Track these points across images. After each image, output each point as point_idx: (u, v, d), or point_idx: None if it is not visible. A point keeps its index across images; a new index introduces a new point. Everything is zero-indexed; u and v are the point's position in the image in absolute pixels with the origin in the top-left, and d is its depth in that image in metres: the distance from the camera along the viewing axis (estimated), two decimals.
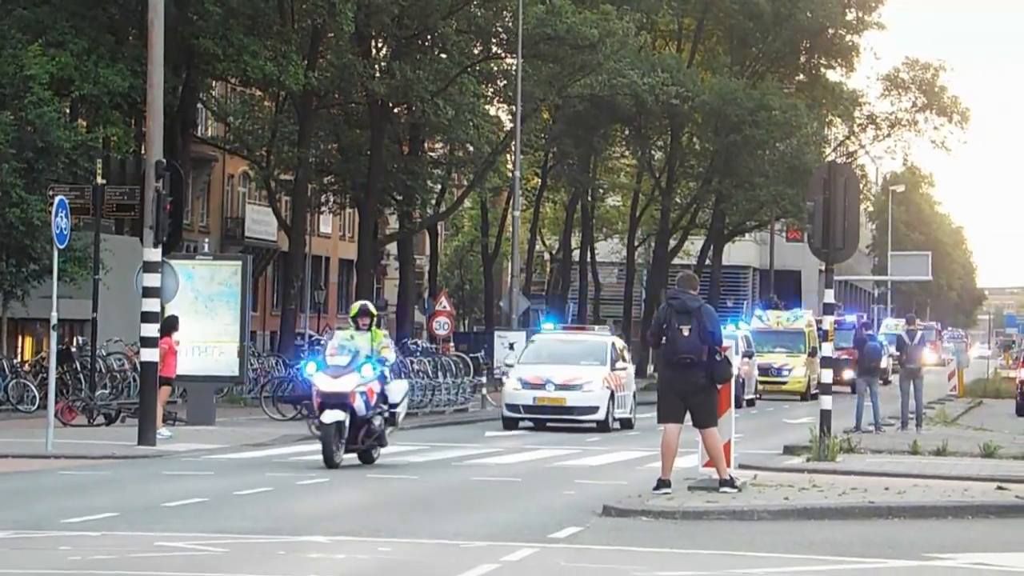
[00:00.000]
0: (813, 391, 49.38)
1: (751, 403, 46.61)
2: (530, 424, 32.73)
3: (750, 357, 48.37)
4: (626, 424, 33.34)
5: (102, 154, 38.13)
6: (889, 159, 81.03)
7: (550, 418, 32.24)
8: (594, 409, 32.01)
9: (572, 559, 12.92)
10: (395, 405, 22.41)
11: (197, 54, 41.79)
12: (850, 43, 70.76)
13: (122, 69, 39.02)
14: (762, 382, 50.41)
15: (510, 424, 32.54)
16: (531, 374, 32.41)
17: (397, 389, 22.65)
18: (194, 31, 41.16)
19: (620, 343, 35.46)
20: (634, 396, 34.05)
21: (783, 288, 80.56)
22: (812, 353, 51.10)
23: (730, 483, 17.48)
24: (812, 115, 66.64)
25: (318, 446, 23.19)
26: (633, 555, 13.24)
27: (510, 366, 34.42)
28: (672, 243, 69.59)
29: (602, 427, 31.95)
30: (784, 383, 52.73)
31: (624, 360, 34.25)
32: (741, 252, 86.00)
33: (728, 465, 17.78)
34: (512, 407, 32.47)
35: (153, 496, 17.51)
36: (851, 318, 60.56)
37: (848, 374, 53.31)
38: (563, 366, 32.62)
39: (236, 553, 12.90)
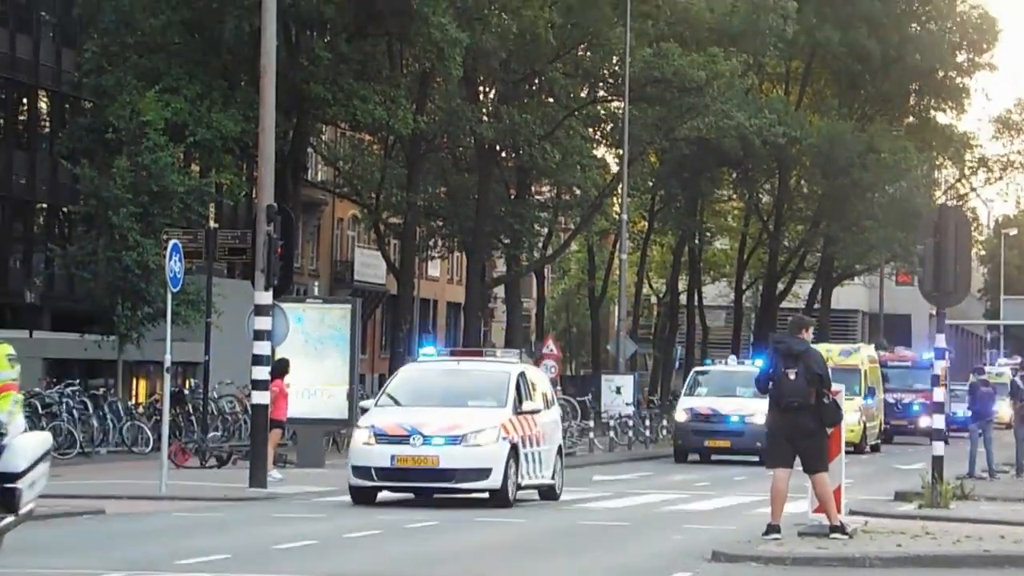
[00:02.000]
0: (872, 442, 47.02)
1: (875, 448, 46.68)
2: (392, 494, 23.26)
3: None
4: (546, 494, 23.88)
5: (215, 198, 38.78)
6: (1001, 202, 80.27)
7: (416, 486, 22.70)
8: (483, 473, 22.00)
9: None
10: (13, 476, 12.47)
11: (308, 99, 42.28)
12: (961, 85, 70.12)
13: (234, 114, 39.56)
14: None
15: (361, 497, 22.45)
16: (390, 421, 22.34)
17: (19, 448, 12.70)
18: (305, 76, 41.65)
19: (536, 374, 25.36)
20: (560, 453, 24.64)
21: (893, 332, 79.78)
22: (870, 395, 47.70)
23: (841, 529, 17.32)
24: (922, 158, 66.08)
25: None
26: None
27: (364, 410, 24.15)
28: (780, 286, 69.19)
29: (498, 499, 22.20)
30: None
31: (543, 400, 24.17)
32: (850, 296, 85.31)
33: (839, 511, 17.62)
34: (361, 471, 22.21)
35: (264, 538, 17.65)
36: (929, 356, 58.50)
37: (924, 421, 49.42)
38: (440, 409, 22.63)
39: None
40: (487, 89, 53.04)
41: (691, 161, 60.12)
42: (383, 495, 22.97)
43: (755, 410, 35.00)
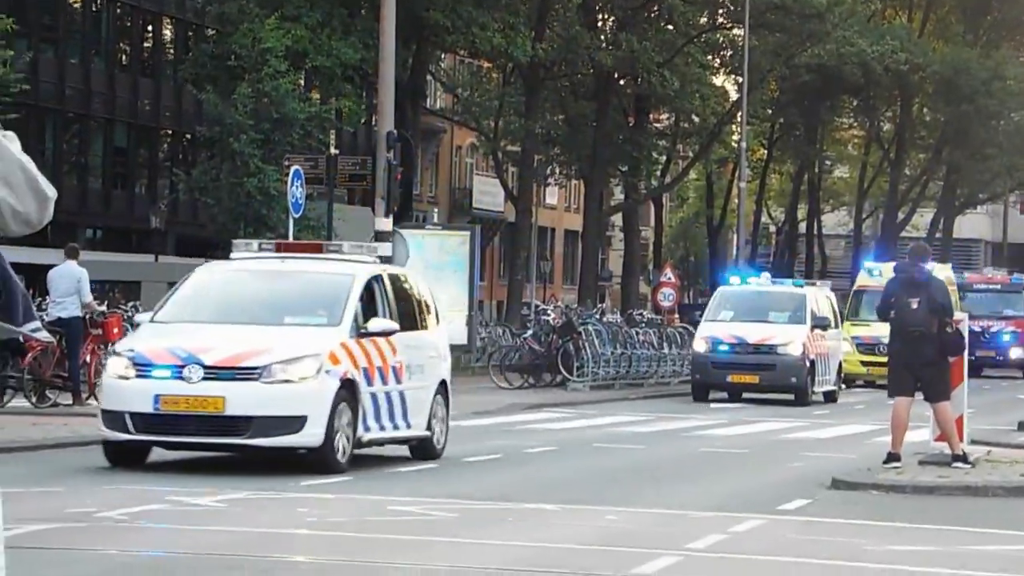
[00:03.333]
0: None
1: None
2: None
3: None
4: (420, 449, 17.50)
5: (335, 125, 38.98)
6: None
7: (193, 441, 15.94)
8: (293, 422, 15.57)
9: (801, 531, 12.89)
10: None
11: (427, 27, 42.32)
12: None
13: (354, 42, 39.72)
14: (867, 363, 39.97)
15: (119, 456, 15.97)
16: (158, 345, 15.87)
17: None
18: (425, 3, 41.68)
19: (415, 280, 18.52)
20: (445, 393, 17.87)
21: (1017, 261, 78.64)
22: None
23: (963, 458, 17.22)
24: None
25: (544, 414, 23.50)
26: (863, 528, 13.16)
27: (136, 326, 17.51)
28: (901, 215, 68.46)
29: (319, 459, 15.78)
30: None
31: (417, 314, 17.72)
32: (973, 224, 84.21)
33: (961, 440, 17.51)
34: (113, 418, 15.79)
35: (386, 461, 17.86)
36: (1019, 276, 50.11)
37: (1017, 352, 45.15)
38: (238, 327, 16.05)
39: (465, 518, 13.12)
40: (606, 16, 52.77)
41: (811, 89, 59.52)
42: (160, 454, 16.35)
43: (790, 338, 31.53)
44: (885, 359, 38.97)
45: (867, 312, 39.44)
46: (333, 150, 33.62)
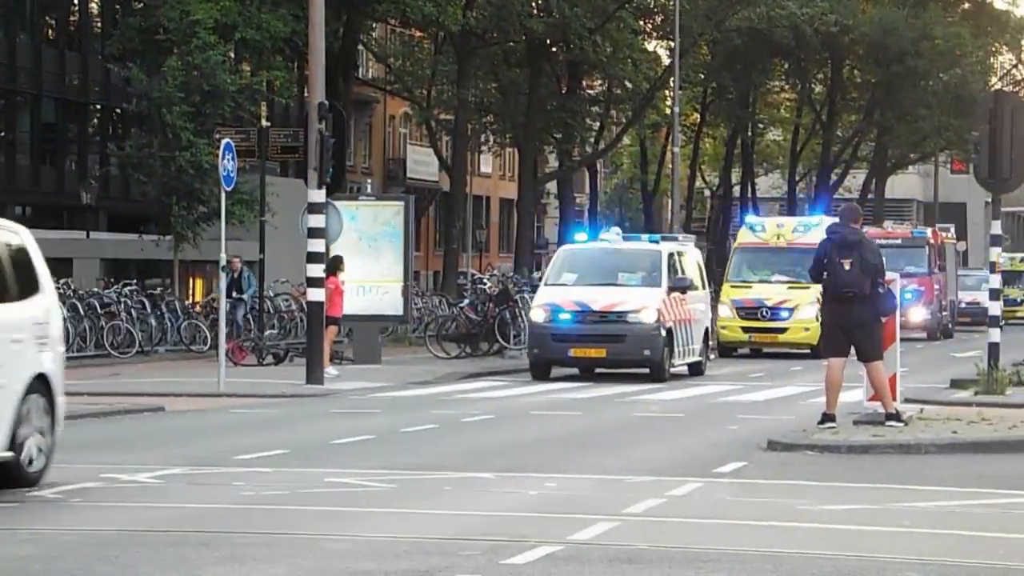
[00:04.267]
0: None
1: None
2: None
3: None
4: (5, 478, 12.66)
5: (266, 97, 38.74)
6: None
7: None
8: None
9: (737, 493, 12.98)
10: None
11: None
12: None
13: (284, 14, 39.48)
14: (748, 329, 35.38)
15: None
16: None
17: None
18: None
19: None
20: (39, 406, 12.91)
21: (948, 221, 79.22)
22: None
23: (896, 417, 17.37)
24: (977, 44, 65.32)
25: (482, 383, 23.43)
26: (799, 488, 13.26)
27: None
28: (834, 177, 68.81)
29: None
30: (782, 330, 35.17)
31: None
32: (904, 185, 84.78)
33: (894, 399, 17.66)
34: None
35: (322, 433, 17.86)
36: (923, 230, 46.84)
37: (917, 314, 40.52)
38: None
39: (403, 488, 13.13)
40: None
41: (743, 52, 59.65)
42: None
43: (642, 303, 26.97)
44: (768, 324, 34.78)
45: (749, 272, 36.32)
46: (265, 122, 33.45)
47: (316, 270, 24.94)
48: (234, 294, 32.65)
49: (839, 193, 69.36)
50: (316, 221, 24.92)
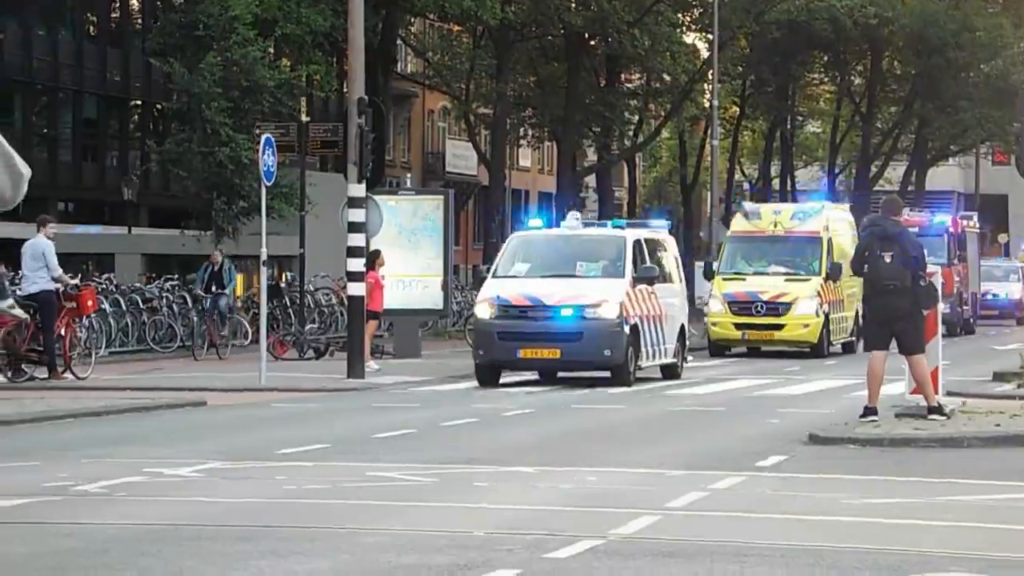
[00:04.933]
0: (842, 339, 34.25)
1: (848, 348, 34.56)
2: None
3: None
4: None
5: (306, 92, 38.86)
6: None
7: None
8: None
9: (779, 487, 12.93)
10: None
11: None
12: None
13: (323, 9, 39.56)
14: (742, 325, 32.84)
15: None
16: None
17: None
18: None
19: None
20: None
21: (989, 213, 78.78)
22: (832, 275, 33.16)
23: (938, 410, 17.29)
24: (1018, 35, 64.91)
25: (520, 377, 23.23)
26: (840, 483, 13.21)
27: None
28: (873, 169, 68.55)
29: None
30: (779, 327, 32.74)
31: None
32: (945, 177, 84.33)
33: (936, 392, 17.58)
34: None
35: (363, 427, 17.88)
36: (942, 218, 44.13)
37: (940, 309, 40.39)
38: None
39: (443, 482, 13.13)
40: None
41: (781, 45, 59.47)
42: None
43: (602, 296, 23.86)
44: (764, 320, 32.18)
45: (743, 264, 33.80)
46: (304, 117, 33.55)
47: (356, 264, 24.98)
48: (214, 288, 31.93)
49: (879, 185, 69.08)
50: (356, 215, 24.96)
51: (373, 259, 27.42)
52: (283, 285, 36.98)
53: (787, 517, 11.31)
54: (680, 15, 53.72)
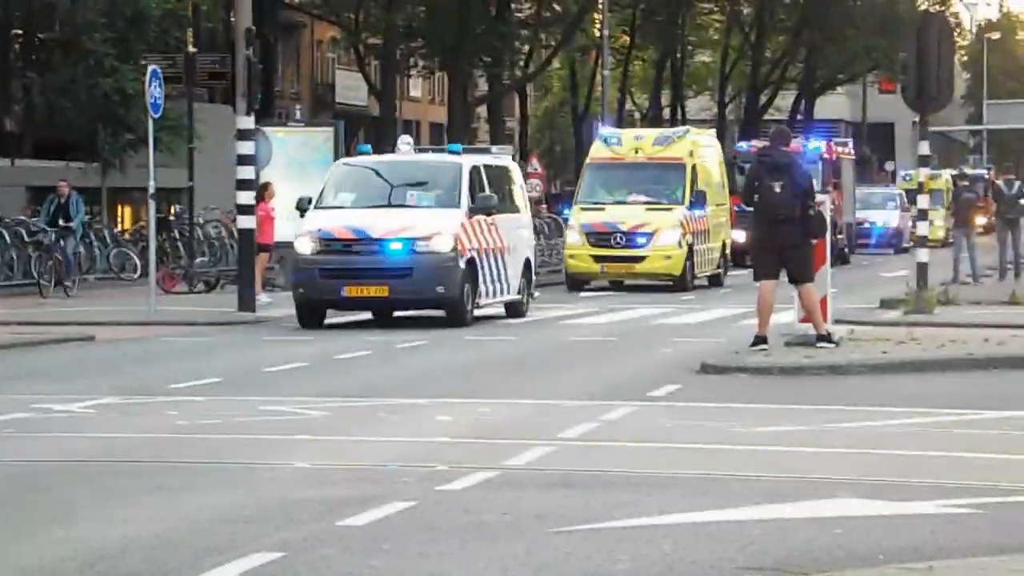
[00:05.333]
0: (708, 271, 32.61)
1: (715, 281, 33.36)
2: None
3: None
4: None
5: (192, 23, 38.33)
6: (984, 5, 79.54)
7: None
8: None
9: (671, 416, 13.04)
10: None
11: None
12: None
13: None
14: (601, 258, 31.00)
15: None
16: None
17: None
18: None
19: None
20: None
21: (876, 141, 79.62)
22: (696, 203, 31.78)
23: (827, 338, 17.49)
24: None
25: (413, 311, 22.88)
26: (732, 411, 13.34)
27: None
28: (763, 98, 68.93)
29: None
30: (639, 259, 30.94)
31: None
32: (833, 106, 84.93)
33: (825, 320, 17.78)
34: None
35: (255, 361, 17.79)
36: (815, 144, 41.87)
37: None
38: None
39: (338, 416, 13.11)
40: None
41: None
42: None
43: (434, 228, 21.97)
44: (623, 252, 30.25)
45: (603, 193, 31.77)
46: (191, 48, 33.13)
47: (246, 197, 24.78)
48: (60, 222, 30.33)
49: (768, 114, 69.50)
50: (245, 148, 24.73)
51: (263, 191, 27.21)
52: (172, 218, 36.61)
53: (679, 446, 11.41)
54: None
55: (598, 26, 56.01)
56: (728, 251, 34.43)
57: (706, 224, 32.50)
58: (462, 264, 22.12)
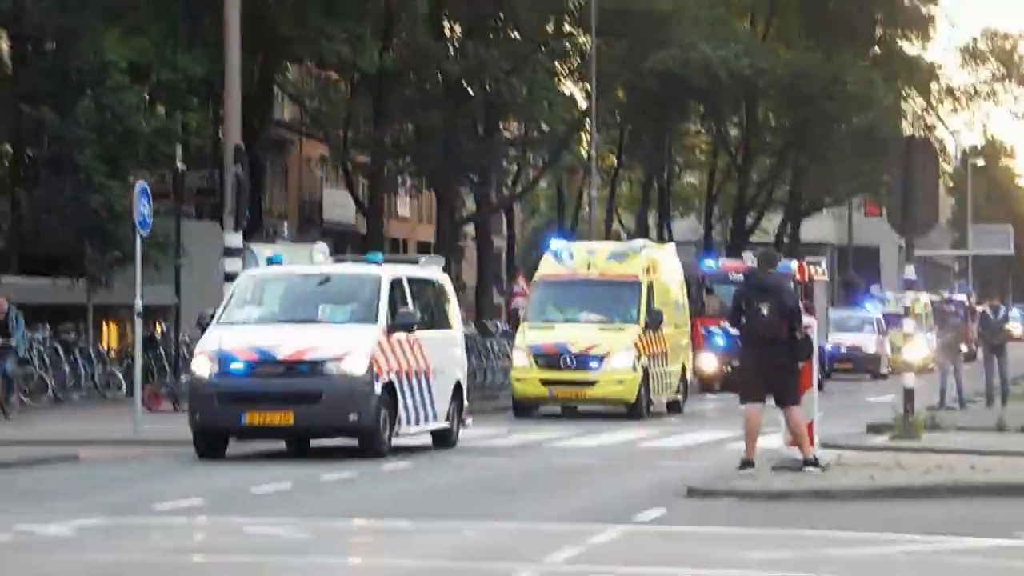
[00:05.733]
0: (667, 397, 30.67)
1: (674, 407, 31.29)
2: None
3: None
4: None
5: (181, 139, 38.50)
6: (967, 131, 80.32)
7: None
8: None
9: (657, 541, 12.94)
10: None
11: (273, 38, 42.01)
12: (925, 14, 70.11)
13: (200, 55, 39.26)
14: (549, 382, 28.94)
15: None
16: None
17: None
18: (270, 15, 41.37)
19: None
20: None
21: (862, 264, 79.94)
22: (652, 323, 29.51)
23: (814, 462, 17.42)
24: (888, 88, 66.09)
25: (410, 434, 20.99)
26: (719, 536, 13.24)
27: None
28: (749, 220, 69.30)
29: None
30: (590, 383, 28.89)
31: None
32: (819, 229, 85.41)
33: (812, 444, 17.71)
34: None
35: (240, 481, 17.66)
36: (785, 263, 35.93)
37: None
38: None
39: (322, 539, 13.00)
40: (452, 24, 52.76)
41: (659, 95, 59.98)
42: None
43: (347, 348, 19.82)
44: (573, 375, 28.16)
45: (553, 310, 29.86)
46: (180, 164, 33.25)
47: None
48: None
49: (755, 236, 69.81)
50: (233, 265, 24.73)
51: None
52: (158, 336, 36.52)
53: (667, 570, 11.30)
54: (557, 64, 54.03)
55: (586, 146, 56.37)
56: (688, 375, 32.43)
57: (664, 346, 30.34)
58: (378, 388, 19.94)
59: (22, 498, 15.98)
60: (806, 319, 17.88)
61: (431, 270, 23.17)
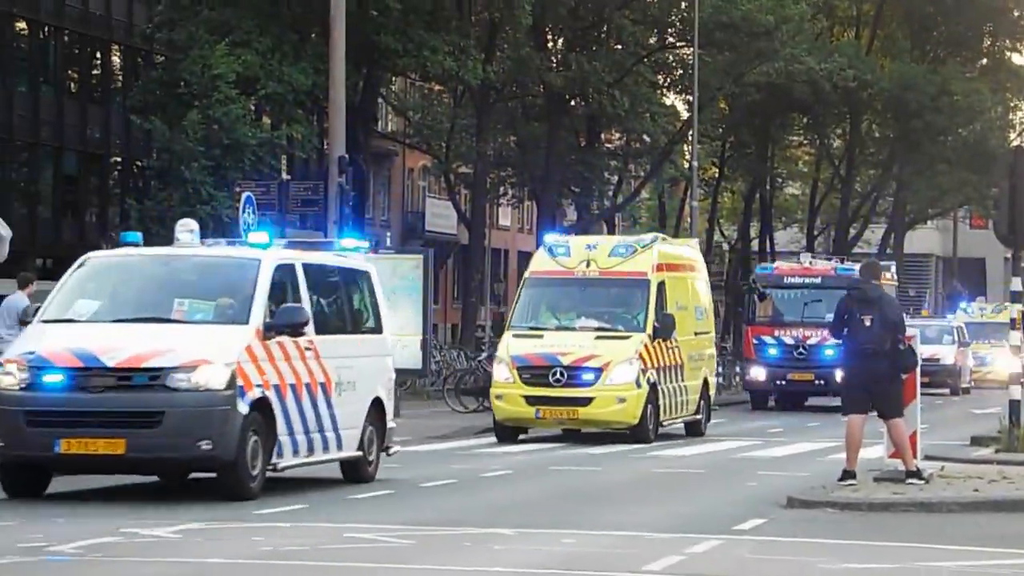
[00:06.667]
0: (678, 417, 26.20)
1: (694, 429, 26.95)
2: None
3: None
4: None
5: (287, 151, 38.90)
6: None
7: None
8: None
9: (757, 551, 12.91)
10: None
11: (377, 50, 42.34)
12: None
13: (305, 67, 39.67)
14: (536, 399, 24.42)
15: None
16: None
17: None
18: (375, 27, 41.70)
19: None
20: None
21: (967, 276, 79.13)
22: (662, 330, 25.04)
23: (917, 474, 17.29)
24: (996, 99, 65.41)
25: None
26: (819, 547, 13.18)
27: None
28: (852, 232, 68.82)
29: None
30: (586, 401, 24.43)
31: None
32: (923, 240, 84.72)
33: (915, 456, 17.59)
34: None
35: (340, 488, 17.79)
36: (850, 267, 36.17)
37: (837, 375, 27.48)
38: None
39: (423, 545, 13.07)
40: (555, 37, 52.91)
41: (761, 107, 59.76)
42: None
43: (203, 354, 15.15)
44: (563, 392, 23.35)
45: (544, 315, 25.25)
46: (285, 175, 33.59)
47: None
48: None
49: (858, 247, 69.32)
50: None
51: None
52: None
53: None
54: (660, 76, 54.00)
55: (687, 157, 56.27)
56: (712, 391, 27.79)
57: (678, 357, 25.77)
58: (243, 406, 15.24)
59: (128, 501, 16.17)
60: (909, 330, 17.78)
61: (355, 258, 18.37)
